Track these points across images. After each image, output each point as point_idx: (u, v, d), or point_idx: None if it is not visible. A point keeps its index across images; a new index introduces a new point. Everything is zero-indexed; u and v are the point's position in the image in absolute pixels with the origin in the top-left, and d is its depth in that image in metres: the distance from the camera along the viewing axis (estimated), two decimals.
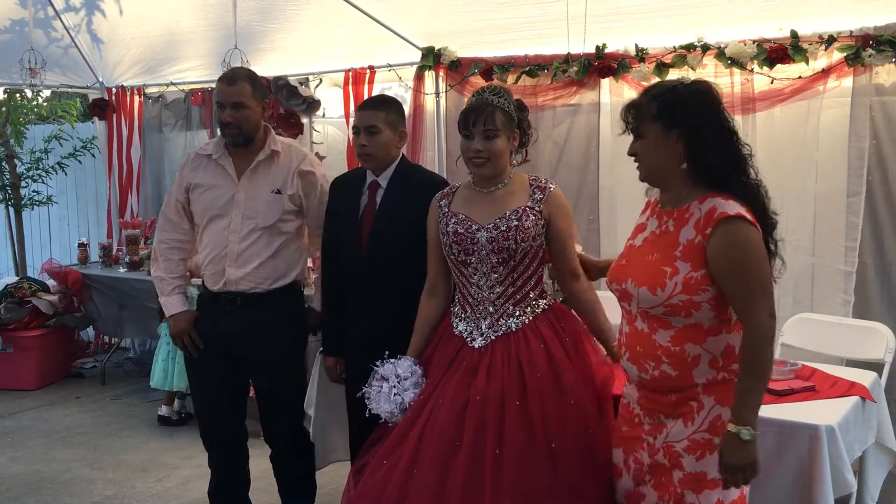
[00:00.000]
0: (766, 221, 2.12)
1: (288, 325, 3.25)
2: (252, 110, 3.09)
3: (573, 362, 2.56)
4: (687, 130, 2.09)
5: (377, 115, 3.00)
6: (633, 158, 2.23)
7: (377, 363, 2.70)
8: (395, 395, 2.62)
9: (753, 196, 2.12)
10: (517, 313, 2.62)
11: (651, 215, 2.28)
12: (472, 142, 2.61)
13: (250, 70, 3.26)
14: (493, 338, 2.60)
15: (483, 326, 2.63)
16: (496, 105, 2.62)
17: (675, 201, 2.19)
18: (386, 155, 3.03)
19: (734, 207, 2.05)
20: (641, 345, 2.19)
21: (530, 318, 2.62)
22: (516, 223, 2.58)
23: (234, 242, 3.12)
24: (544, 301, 2.66)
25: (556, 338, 2.59)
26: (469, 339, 2.64)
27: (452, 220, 2.68)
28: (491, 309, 2.63)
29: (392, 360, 2.70)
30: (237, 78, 3.09)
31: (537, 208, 2.62)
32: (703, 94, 2.13)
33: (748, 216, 2.05)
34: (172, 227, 3.30)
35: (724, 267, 2.05)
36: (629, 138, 2.26)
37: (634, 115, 2.18)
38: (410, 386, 2.64)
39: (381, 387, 2.64)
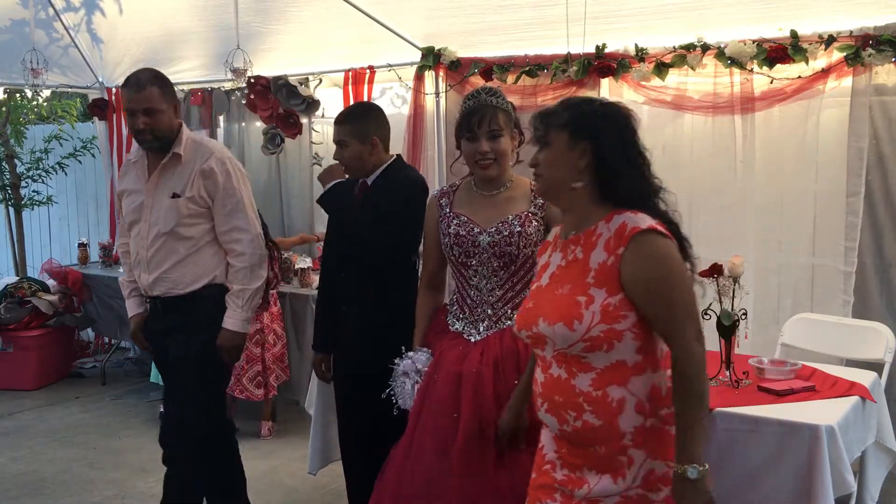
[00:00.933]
0: (682, 242, 1.95)
1: (197, 331, 3.06)
2: (164, 114, 2.99)
3: None
4: (595, 145, 1.93)
5: (342, 130, 3.06)
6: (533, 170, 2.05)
7: (396, 360, 2.70)
8: (417, 391, 2.62)
9: (663, 214, 1.96)
10: (514, 316, 2.60)
11: (553, 251, 2.08)
12: (476, 143, 2.60)
13: (157, 72, 3.10)
14: (489, 334, 2.62)
15: (481, 328, 2.64)
16: (496, 105, 2.61)
17: (578, 224, 2.00)
18: (361, 164, 3.07)
19: (646, 220, 1.88)
20: (560, 393, 1.94)
21: None
22: (519, 229, 2.58)
23: (143, 248, 3.09)
24: None
25: None
26: (466, 335, 2.65)
27: (454, 222, 2.67)
28: (489, 311, 2.63)
29: (409, 355, 2.69)
30: (144, 82, 2.97)
31: (539, 214, 2.62)
32: (619, 114, 1.99)
33: (661, 229, 1.88)
34: (123, 232, 3.33)
35: (642, 286, 1.86)
36: None
37: (544, 122, 2.01)
38: None
39: (405, 383, 2.64)
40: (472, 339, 2.63)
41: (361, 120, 3.08)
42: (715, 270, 2.93)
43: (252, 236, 3.07)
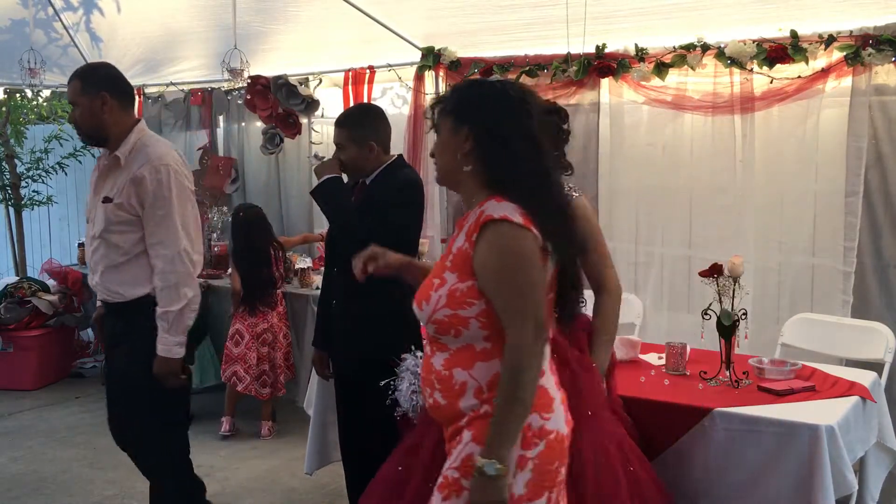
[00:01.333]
0: (549, 237, 1.85)
1: (137, 348, 2.92)
2: (84, 108, 2.88)
3: (584, 369, 2.49)
4: (478, 128, 1.88)
5: (340, 133, 3.06)
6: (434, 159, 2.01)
7: (404, 356, 2.65)
8: (412, 392, 2.57)
9: (539, 204, 1.85)
10: None
11: (459, 232, 2.01)
12: None
13: (88, 65, 3.03)
14: None
15: None
16: None
17: (468, 207, 1.97)
18: (357, 167, 3.07)
19: (502, 210, 1.82)
20: (425, 370, 1.97)
21: None
22: None
23: (88, 249, 3.04)
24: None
25: (570, 346, 2.50)
26: None
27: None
28: None
29: (416, 354, 2.63)
30: (71, 77, 2.91)
31: None
32: (503, 97, 1.91)
33: (517, 219, 1.80)
34: None
35: (486, 275, 1.82)
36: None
37: (433, 109, 1.98)
38: None
39: (402, 384, 2.59)
40: None
41: (359, 124, 3.08)
42: (715, 270, 2.94)
43: (173, 253, 2.84)
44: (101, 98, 2.86)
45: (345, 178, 3.13)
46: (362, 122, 3.10)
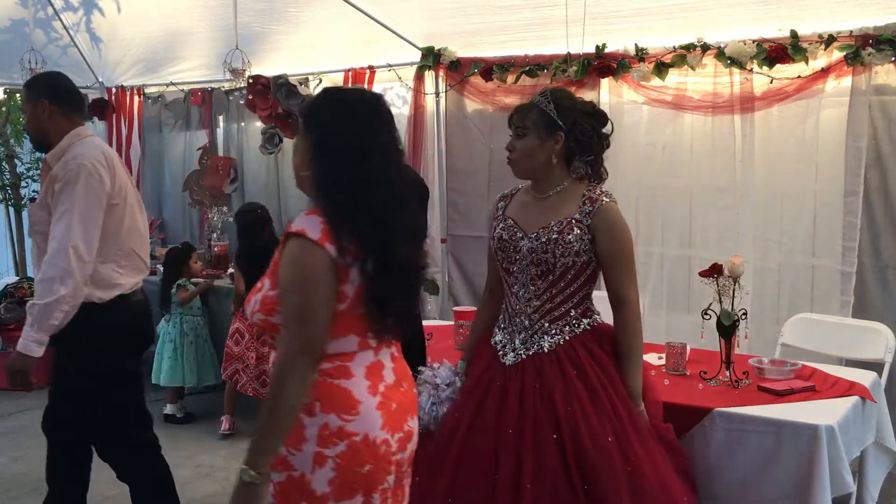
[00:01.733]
0: (357, 255, 1.84)
1: (60, 339, 2.87)
2: (28, 114, 3.02)
3: (612, 386, 2.41)
4: (313, 137, 1.91)
5: None
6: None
7: (421, 368, 2.59)
8: (431, 404, 2.52)
9: (347, 219, 1.84)
10: (553, 331, 2.46)
11: None
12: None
13: (36, 75, 3.18)
14: (524, 356, 2.48)
15: (517, 342, 2.50)
16: (534, 104, 2.50)
17: None
18: None
19: (303, 223, 1.83)
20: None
21: (567, 337, 2.46)
22: (556, 236, 2.42)
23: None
24: (588, 320, 2.49)
25: (594, 361, 2.43)
26: (502, 352, 2.52)
27: (500, 225, 2.56)
28: (526, 323, 2.49)
29: (433, 366, 2.60)
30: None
31: (585, 221, 2.43)
32: (338, 105, 1.94)
33: (313, 234, 1.81)
34: None
35: (279, 287, 1.86)
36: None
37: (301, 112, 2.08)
38: (446, 399, 2.54)
39: (422, 396, 2.51)
40: (506, 362, 2.50)
41: None
42: (715, 270, 2.94)
43: (61, 247, 2.74)
44: (41, 105, 2.95)
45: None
46: None
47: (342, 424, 1.86)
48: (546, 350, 2.46)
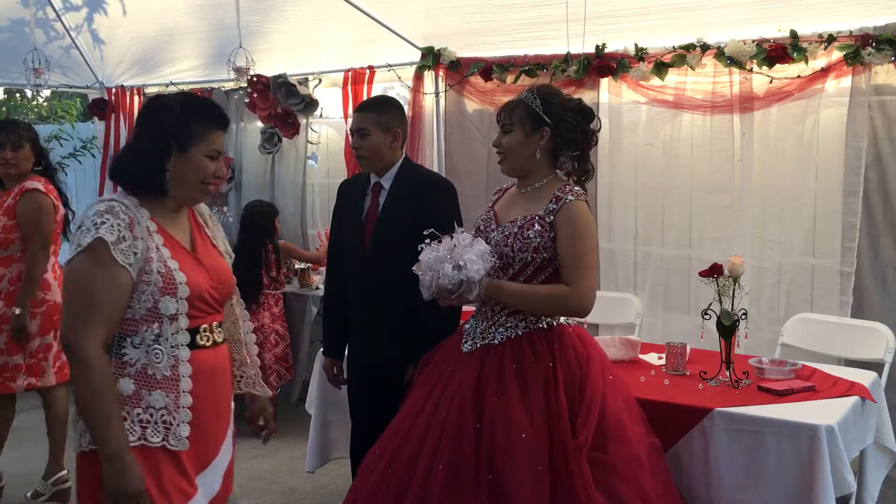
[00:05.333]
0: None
1: None
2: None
3: (553, 390, 2.39)
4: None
5: (366, 118, 3.01)
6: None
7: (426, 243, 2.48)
8: (451, 266, 2.38)
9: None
10: (508, 324, 2.50)
11: None
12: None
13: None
14: (478, 345, 2.52)
15: (478, 331, 2.56)
16: (521, 100, 2.54)
17: None
18: (379, 156, 3.03)
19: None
20: None
21: (520, 332, 2.48)
22: (517, 230, 2.47)
23: None
24: (548, 319, 2.51)
25: (536, 359, 2.43)
26: (464, 339, 2.59)
27: (483, 216, 2.64)
28: (489, 314, 2.55)
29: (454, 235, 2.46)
30: None
31: (548, 218, 2.46)
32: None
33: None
34: None
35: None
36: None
37: None
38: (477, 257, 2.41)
39: (425, 276, 2.43)
40: (464, 349, 2.55)
41: (386, 109, 3.05)
42: (715, 270, 2.94)
43: None
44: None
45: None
46: (389, 108, 3.08)
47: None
48: (497, 343, 2.49)
